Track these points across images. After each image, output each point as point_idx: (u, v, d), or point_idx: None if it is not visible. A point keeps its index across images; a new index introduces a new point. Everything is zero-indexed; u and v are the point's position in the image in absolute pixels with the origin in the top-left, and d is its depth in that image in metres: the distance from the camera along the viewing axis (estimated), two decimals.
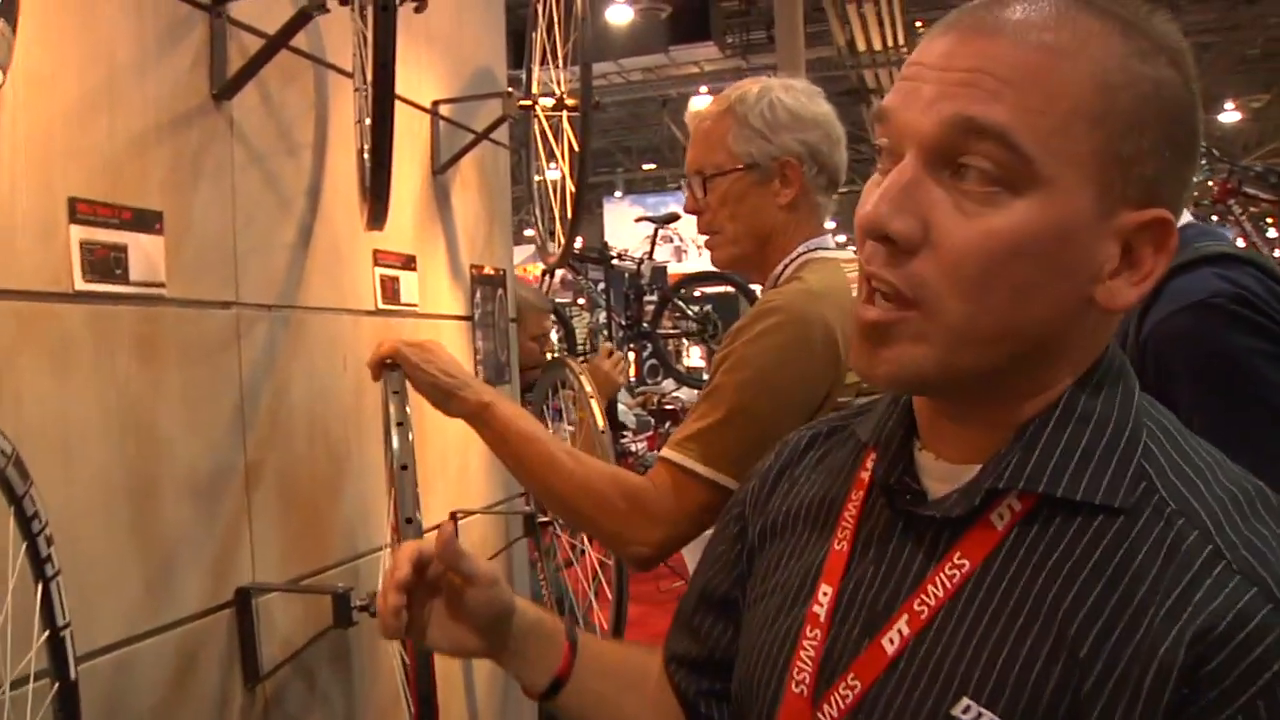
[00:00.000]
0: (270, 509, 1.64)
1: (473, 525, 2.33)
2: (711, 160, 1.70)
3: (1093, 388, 0.76)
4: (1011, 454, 0.74)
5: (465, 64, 2.41)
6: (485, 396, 1.62)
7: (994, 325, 0.72)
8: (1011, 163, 0.69)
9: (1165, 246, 0.72)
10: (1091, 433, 0.74)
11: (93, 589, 1.30)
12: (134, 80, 1.42)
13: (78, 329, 1.32)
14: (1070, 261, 0.71)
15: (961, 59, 0.71)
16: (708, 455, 1.51)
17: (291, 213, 1.74)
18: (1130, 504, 0.71)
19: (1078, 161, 0.69)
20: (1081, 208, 0.70)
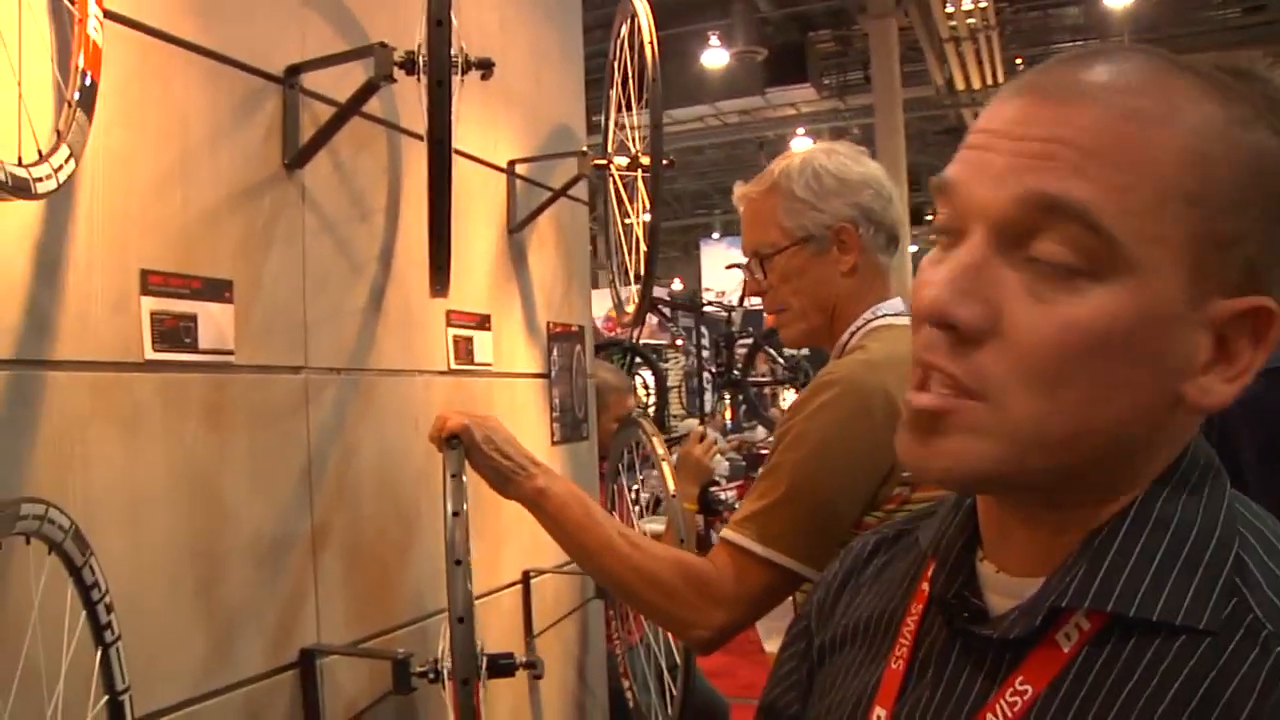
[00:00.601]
0: (337, 570, 1.66)
1: (545, 584, 2.32)
2: (766, 239, 1.69)
3: (1173, 489, 0.67)
4: (1078, 566, 0.66)
5: (543, 122, 2.44)
6: (540, 481, 1.62)
7: (1068, 426, 0.64)
8: (1094, 246, 0.62)
9: (1265, 338, 0.64)
10: (1171, 541, 0.65)
11: (156, 650, 1.33)
12: (207, 153, 1.46)
13: (147, 397, 1.35)
14: (1157, 355, 0.64)
15: (1038, 126, 0.64)
16: (766, 535, 1.49)
17: (363, 277, 1.77)
18: (1218, 625, 0.62)
19: (1170, 244, 0.62)
20: (1172, 296, 0.62)
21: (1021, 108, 0.65)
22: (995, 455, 0.65)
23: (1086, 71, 0.65)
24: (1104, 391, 0.63)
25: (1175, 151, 0.62)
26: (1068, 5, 14.71)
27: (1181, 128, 0.63)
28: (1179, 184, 0.62)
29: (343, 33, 1.72)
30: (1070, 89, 0.64)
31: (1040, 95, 0.65)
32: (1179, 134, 0.63)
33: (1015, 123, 0.65)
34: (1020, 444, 0.64)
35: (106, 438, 1.29)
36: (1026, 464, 0.65)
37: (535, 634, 2.26)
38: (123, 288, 1.32)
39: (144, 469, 1.34)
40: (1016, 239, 0.64)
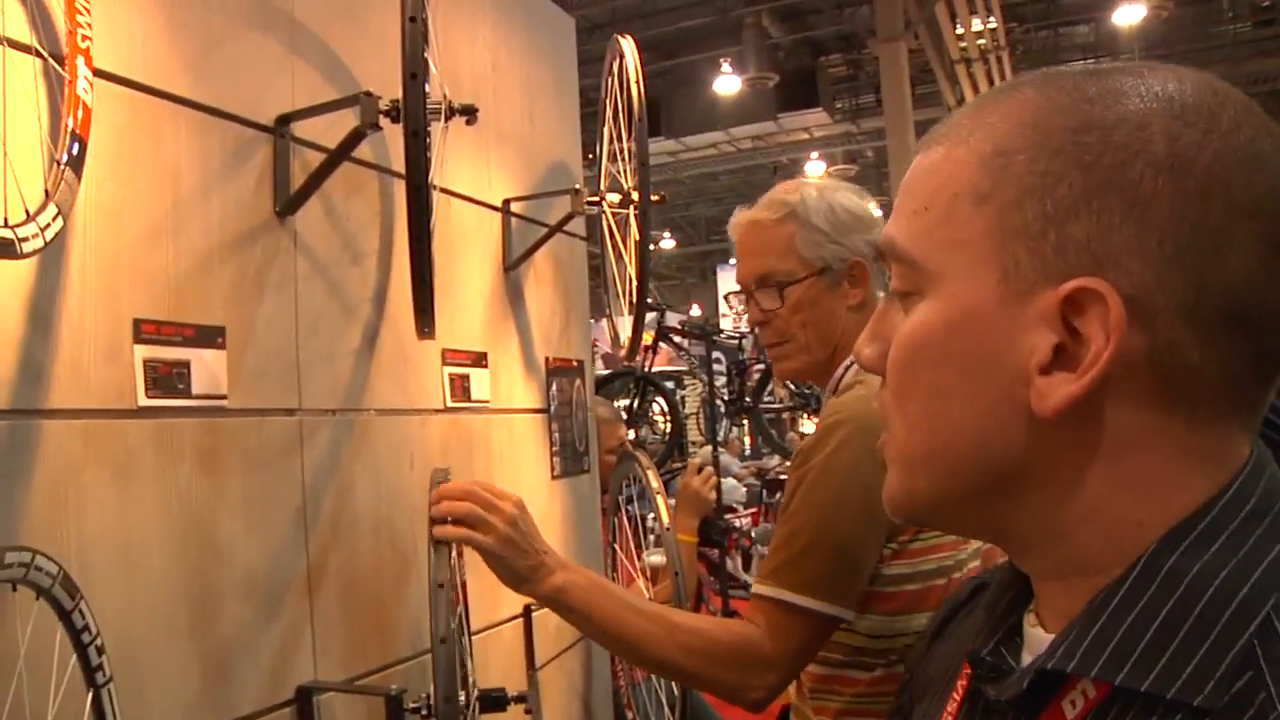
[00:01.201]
0: (333, 608, 1.69)
1: (547, 617, 2.34)
2: (782, 268, 1.67)
3: (1198, 538, 0.58)
4: (1074, 627, 0.61)
5: (538, 159, 2.48)
6: (558, 579, 1.53)
7: (921, 440, 0.65)
8: (906, 272, 0.65)
9: (1109, 323, 0.57)
10: (1177, 603, 0.57)
11: (150, 691, 1.35)
12: (199, 203, 1.50)
13: (141, 443, 1.38)
14: (977, 357, 0.61)
15: (904, 179, 0.69)
16: (799, 584, 1.50)
17: (356, 319, 1.80)
18: (1219, 702, 0.54)
19: (967, 247, 0.62)
20: (980, 294, 0.61)
21: None
22: (899, 483, 0.68)
23: (946, 120, 0.67)
24: (938, 402, 0.64)
25: (968, 159, 0.62)
26: (1078, 24, 14.74)
27: (979, 136, 0.63)
28: (970, 187, 0.62)
29: (332, 80, 1.76)
30: (920, 142, 0.68)
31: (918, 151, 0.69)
32: (977, 142, 0.62)
33: None
34: (907, 468, 0.67)
35: (100, 483, 1.32)
36: (920, 488, 0.67)
37: (537, 668, 2.28)
38: (115, 337, 1.36)
39: (137, 513, 1.37)
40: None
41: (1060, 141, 0.59)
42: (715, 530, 3.13)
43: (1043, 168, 0.59)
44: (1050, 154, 0.59)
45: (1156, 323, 0.57)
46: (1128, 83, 0.61)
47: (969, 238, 0.62)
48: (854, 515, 1.50)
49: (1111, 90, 0.60)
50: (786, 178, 11.39)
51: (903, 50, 12.48)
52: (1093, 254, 0.58)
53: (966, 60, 13.15)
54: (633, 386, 6.54)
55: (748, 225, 1.74)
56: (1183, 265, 0.57)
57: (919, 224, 0.64)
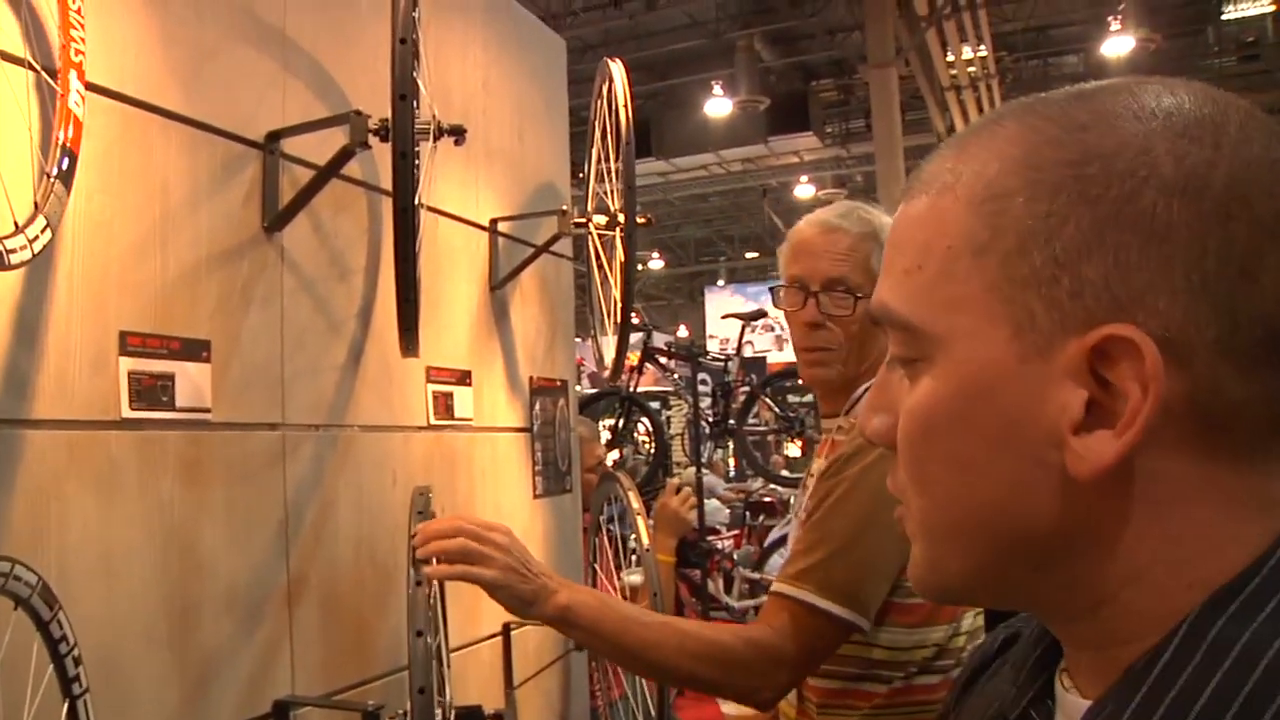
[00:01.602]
0: (312, 623, 1.69)
1: (526, 635, 2.35)
2: (855, 279, 1.69)
3: (1244, 604, 0.53)
4: (1110, 698, 0.56)
5: (526, 179, 2.50)
6: (562, 598, 1.50)
7: (952, 517, 0.59)
8: (907, 338, 0.60)
9: (1145, 372, 0.52)
10: (1229, 673, 0.51)
11: (128, 702, 1.36)
12: (187, 217, 1.51)
13: (124, 454, 1.39)
14: (1002, 423, 0.56)
15: (889, 234, 0.64)
16: (824, 587, 1.52)
17: (341, 335, 1.81)
18: None
19: (970, 304, 0.56)
20: (994, 354, 0.56)
21: None
22: (926, 560, 0.62)
23: (923, 165, 0.62)
24: (960, 475, 0.58)
25: (958, 208, 0.57)
26: (1067, 54, 14.88)
27: (969, 180, 0.57)
28: (966, 239, 0.57)
29: (323, 97, 1.78)
30: (905, 189, 0.63)
31: (902, 200, 0.64)
32: (966, 189, 0.57)
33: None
34: (933, 544, 0.61)
35: (83, 494, 1.33)
36: (950, 565, 0.61)
37: (515, 686, 2.28)
38: (101, 348, 1.37)
39: (119, 523, 1.37)
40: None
41: (1059, 177, 0.54)
42: (695, 551, 3.12)
43: (1044, 209, 0.54)
44: (1050, 192, 0.54)
45: (1194, 363, 0.52)
46: (1119, 103, 0.56)
47: (971, 294, 0.56)
48: (881, 530, 1.51)
49: (1103, 114, 0.56)
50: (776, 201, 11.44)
51: (893, 76, 12.57)
52: (1114, 296, 0.52)
53: (956, 87, 13.25)
54: (618, 406, 6.55)
55: (827, 228, 1.74)
56: (1212, 296, 0.51)
57: (913, 285, 0.59)
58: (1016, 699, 0.66)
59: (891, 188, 12.62)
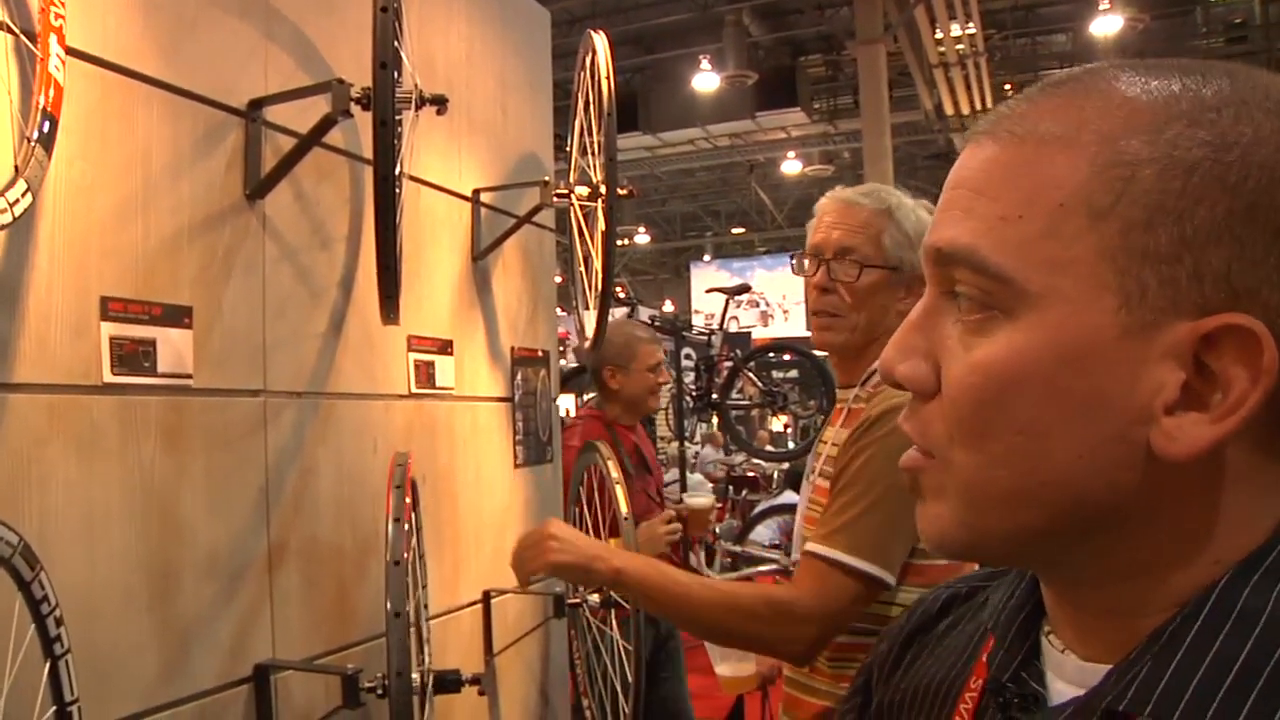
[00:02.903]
0: (293, 588, 1.71)
1: (507, 604, 2.37)
2: (865, 250, 1.80)
3: (1265, 574, 0.55)
4: (1140, 663, 0.56)
5: (509, 150, 2.50)
6: (615, 562, 1.71)
7: (1005, 481, 0.58)
8: (990, 286, 0.57)
9: (1257, 363, 0.52)
10: (1258, 642, 0.53)
11: (109, 663, 1.37)
12: (169, 184, 1.52)
13: (105, 419, 1.40)
14: (1092, 394, 0.55)
15: (958, 174, 0.61)
16: (855, 545, 1.62)
17: (323, 303, 1.82)
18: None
19: (1079, 267, 0.55)
20: (1096, 325, 0.54)
21: (962, 156, 0.62)
22: (959, 518, 0.60)
23: (1020, 104, 0.60)
24: (1037, 440, 0.57)
25: (1078, 165, 0.55)
26: (1055, 33, 14.87)
27: (1089, 137, 0.56)
28: (1082, 200, 0.55)
29: (306, 66, 1.78)
30: (993, 127, 0.60)
31: (973, 140, 0.62)
32: (1085, 145, 0.56)
33: (953, 172, 0.62)
34: (974, 504, 0.59)
35: (64, 457, 1.34)
36: (990, 526, 0.59)
37: (495, 653, 2.30)
38: (83, 313, 1.38)
39: (100, 487, 1.39)
40: (947, 290, 0.61)
41: (1196, 157, 0.53)
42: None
43: (1179, 186, 0.53)
44: (1186, 170, 0.53)
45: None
46: (1245, 89, 0.55)
47: (1081, 256, 0.55)
48: (905, 492, 1.55)
49: (1232, 100, 0.55)
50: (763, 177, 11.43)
51: (881, 53, 12.56)
52: (1231, 286, 0.52)
53: (945, 65, 13.24)
54: None
55: (847, 202, 1.86)
56: None
57: (1013, 233, 0.56)
58: (1005, 663, 0.66)
59: (878, 164, 12.64)
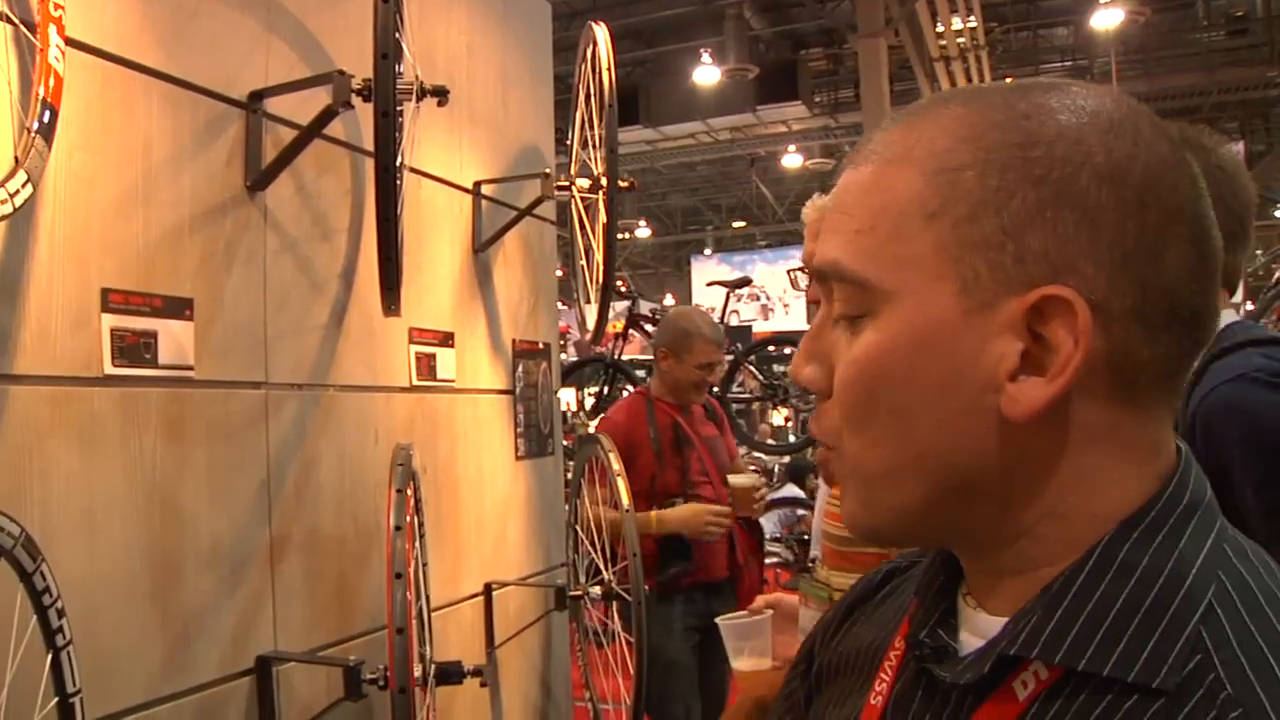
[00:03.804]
0: (295, 580, 1.71)
1: (509, 596, 2.37)
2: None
3: (1144, 531, 0.61)
4: (1032, 613, 0.62)
5: (510, 143, 2.50)
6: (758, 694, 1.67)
7: (886, 460, 0.64)
8: (854, 293, 0.64)
9: (1075, 326, 0.59)
10: (1133, 590, 0.60)
11: (112, 655, 1.37)
12: (169, 176, 1.51)
13: (106, 411, 1.40)
14: (945, 372, 0.62)
15: (834, 198, 0.68)
16: None
17: (324, 295, 1.82)
18: (1173, 684, 0.56)
19: (920, 264, 0.62)
20: (940, 312, 0.62)
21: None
22: (858, 498, 0.67)
23: (870, 137, 0.67)
24: (905, 419, 0.63)
25: (912, 178, 0.63)
26: (1057, 26, 14.83)
27: (921, 153, 0.63)
28: (917, 206, 0.62)
29: (307, 58, 1.77)
30: (851, 159, 0.68)
31: (844, 169, 0.69)
32: (917, 160, 0.63)
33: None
34: (866, 483, 0.66)
35: (65, 449, 1.34)
36: (882, 503, 0.66)
37: (497, 644, 2.30)
38: (84, 305, 1.38)
39: (102, 479, 1.39)
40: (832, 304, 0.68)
41: (1007, 157, 0.61)
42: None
43: (995, 183, 0.60)
44: (1000, 169, 0.61)
45: (1112, 325, 0.60)
46: (1054, 99, 0.63)
47: (921, 254, 0.62)
48: None
49: (1042, 106, 0.62)
50: (764, 171, 11.34)
51: (883, 46, 12.52)
52: (1051, 263, 0.59)
53: (946, 58, 13.20)
54: (603, 374, 6.55)
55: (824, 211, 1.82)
56: (1130, 270, 0.59)
57: (865, 244, 0.64)
58: (924, 619, 0.71)
59: None
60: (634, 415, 3.23)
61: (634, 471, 3.00)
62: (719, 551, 3.17)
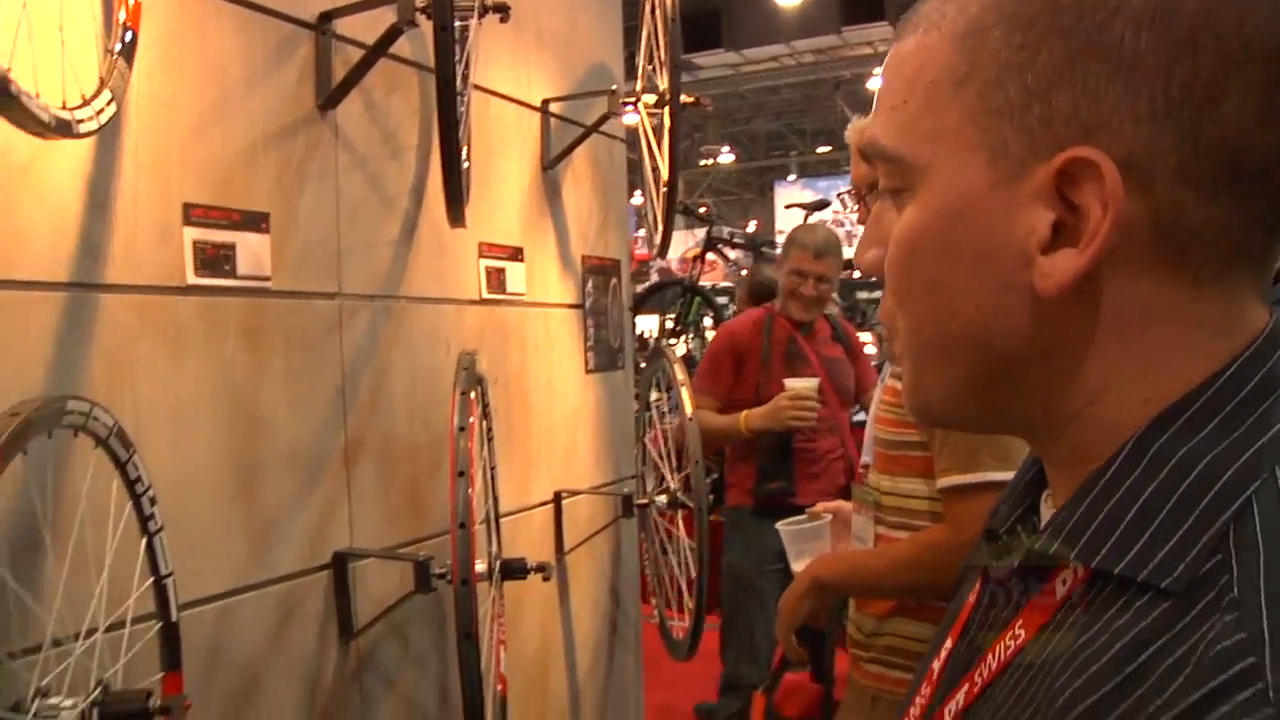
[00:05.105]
0: (369, 483, 1.81)
1: (579, 505, 2.46)
2: None
3: (1184, 425, 0.57)
4: (1065, 509, 0.60)
5: (579, 60, 2.53)
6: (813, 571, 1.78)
7: (933, 337, 0.63)
8: (895, 170, 0.63)
9: (1105, 191, 0.55)
10: (1159, 486, 0.56)
11: (199, 546, 1.48)
12: (243, 96, 1.59)
13: (189, 319, 1.49)
14: (977, 246, 0.60)
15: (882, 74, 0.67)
16: (966, 464, 1.62)
17: (395, 210, 1.89)
18: (1182, 586, 0.52)
19: (949, 134, 0.60)
20: (970, 181, 0.59)
21: None
22: (911, 378, 0.66)
23: (917, 9, 0.64)
24: (940, 297, 0.62)
25: (942, 44, 0.60)
26: None
27: (953, 17, 0.60)
28: (948, 72, 0.59)
29: None
30: (897, 34, 0.65)
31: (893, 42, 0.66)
32: (950, 24, 0.60)
33: None
34: (915, 364, 0.65)
35: (153, 354, 1.44)
36: (931, 384, 0.65)
37: (566, 551, 2.39)
38: (167, 219, 1.46)
39: (187, 383, 1.48)
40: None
41: (1034, 11, 0.56)
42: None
43: (1019, 40, 0.56)
44: (1025, 25, 0.56)
45: (1155, 186, 0.55)
46: None
47: (950, 125, 0.59)
48: None
49: None
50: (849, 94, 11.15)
51: None
52: (1082, 123, 0.55)
53: None
54: (681, 297, 6.60)
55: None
56: (1176, 123, 0.54)
57: (899, 118, 0.62)
58: (1006, 515, 0.71)
59: None
60: (748, 326, 3.20)
61: (740, 381, 3.07)
62: (829, 474, 3.11)
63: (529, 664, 2.30)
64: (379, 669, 1.82)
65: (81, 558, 1.19)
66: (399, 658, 1.87)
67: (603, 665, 2.62)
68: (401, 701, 1.89)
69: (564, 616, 2.42)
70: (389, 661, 1.85)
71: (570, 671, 2.47)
